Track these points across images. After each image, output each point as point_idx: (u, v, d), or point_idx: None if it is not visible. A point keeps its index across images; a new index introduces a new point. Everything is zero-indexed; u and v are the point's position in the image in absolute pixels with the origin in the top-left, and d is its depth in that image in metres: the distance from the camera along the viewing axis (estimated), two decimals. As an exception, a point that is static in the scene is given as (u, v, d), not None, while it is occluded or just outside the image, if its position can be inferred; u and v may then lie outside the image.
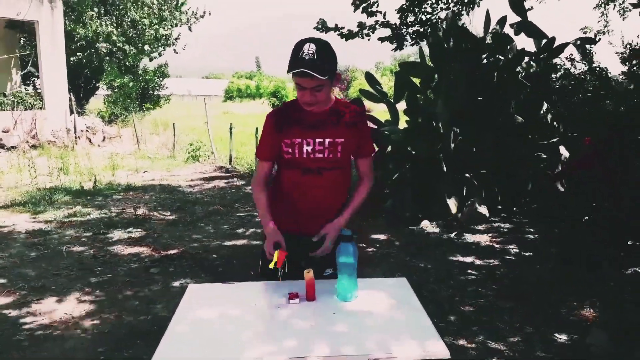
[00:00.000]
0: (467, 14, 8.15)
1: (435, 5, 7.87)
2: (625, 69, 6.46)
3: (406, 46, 7.90)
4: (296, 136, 2.01)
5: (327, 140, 2.01)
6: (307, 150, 2.01)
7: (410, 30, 7.89)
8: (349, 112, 2.07)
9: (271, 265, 1.92)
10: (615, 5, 10.74)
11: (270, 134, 2.07)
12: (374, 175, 2.20)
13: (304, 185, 2.04)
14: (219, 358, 1.50)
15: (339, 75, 2.02)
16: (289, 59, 1.89)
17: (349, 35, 7.88)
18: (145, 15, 18.22)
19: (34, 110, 13.40)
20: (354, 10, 7.72)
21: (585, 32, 9.77)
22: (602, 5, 11.00)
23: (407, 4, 7.76)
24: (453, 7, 7.97)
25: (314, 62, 1.83)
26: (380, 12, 7.76)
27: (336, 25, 7.74)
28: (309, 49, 1.84)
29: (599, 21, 11.06)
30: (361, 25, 7.83)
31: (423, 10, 7.78)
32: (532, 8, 9.51)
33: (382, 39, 8.00)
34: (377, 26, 7.83)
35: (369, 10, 7.67)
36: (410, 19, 7.79)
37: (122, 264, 4.66)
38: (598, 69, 6.26)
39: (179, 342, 1.58)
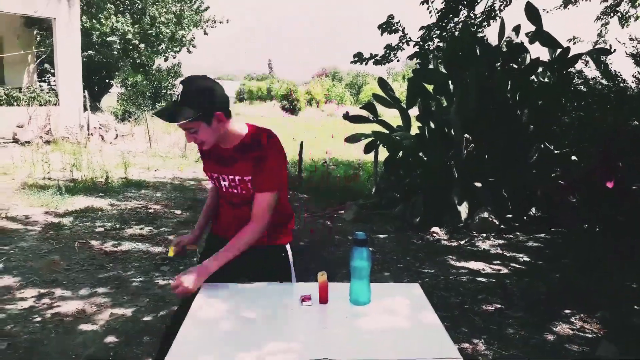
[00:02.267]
0: (488, 25, 8.18)
1: (458, 22, 7.90)
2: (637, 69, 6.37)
3: (430, 61, 7.95)
4: (214, 170, 2.11)
5: (237, 178, 2.04)
6: (224, 185, 2.10)
7: (433, 43, 7.95)
8: (257, 146, 2.00)
9: (170, 254, 2.16)
10: (620, 13, 10.55)
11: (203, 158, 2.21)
12: (268, 215, 2.03)
13: (224, 214, 2.20)
14: (231, 359, 1.51)
15: (220, 115, 1.92)
16: None
17: (380, 61, 8.10)
18: (163, 12, 18.29)
19: (49, 106, 13.54)
20: (382, 34, 7.91)
21: (574, 43, 9.78)
22: (604, 17, 10.84)
23: (433, 24, 7.83)
24: (473, 21, 8.01)
25: (175, 105, 1.87)
26: (404, 33, 7.91)
27: (371, 54, 8.08)
28: (178, 90, 1.89)
29: (599, 31, 10.91)
30: (389, 47, 7.99)
31: (447, 27, 7.83)
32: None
33: (410, 57, 8.11)
34: (403, 45, 7.98)
35: (393, 28, 7.86)
36: (434, 35, 7.86)
37: (133, 260, 4.70)
38: (615, 75, 6.19)
39: (192, 342, 1.59)
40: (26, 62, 15.76)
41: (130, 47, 18.25)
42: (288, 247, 2.23)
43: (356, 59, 7.79)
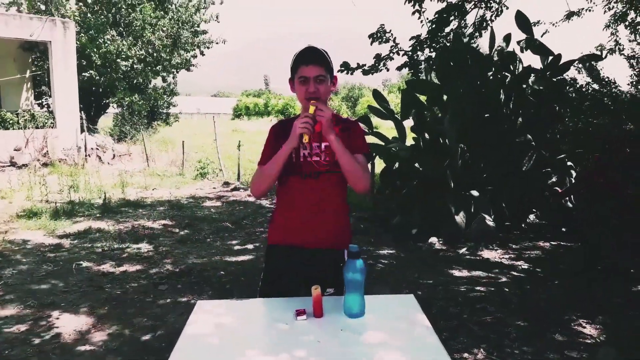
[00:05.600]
0: (480, 36, 8.24)
1: (449, 33, 7.96)
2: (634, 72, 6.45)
3: (421, 72, 7.98)
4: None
5: (323, 144, 2.08)
6: (304, 153, 2.09)
7: (423, 53, 8.01)
8: (342, 120, 2.18)
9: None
10: (627, 22, 10.56)
11: (271, 143, 2.17)
12: (370, 179, 2.17)
13: (303, 190, 2.09)
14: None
15: (336, 78, 2.15)
16: (291, 66, 2.09)
17: (369, 71, 8.10)
18: (160, 38, 18.39)
19: (46, 128, 13.60)
20: (371, 43, 7.96)
21: (601, 52, 9.85)
22: (612, 25, 10.87)
23: (427, 35, 7.88)
24: (464, 29, 8.08)
25: (318, 50, 2.06)
26: (396, 42, 7.96)
27: (358, 64, 8.08)
28: (311, 48, 2.07)
29: (609, 40, 10.96)
30: (378, 57, 8.03)
31: (438, 38, 7.89)
32: (547, 32, 9.62)
33: (399, 68, 8.14)
34: (392, 55, 8.02)
35: (384, 38, 7.92)
36: (425, 45, 7.91)
37: (131, 280, 4.68)
38: (605, 81, 6.26)
39: (187, 358, 1.59)
40: (23, 85, 15.86)
41: (131, 69, 18.33)
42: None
43: (343, 68, 7.81)
